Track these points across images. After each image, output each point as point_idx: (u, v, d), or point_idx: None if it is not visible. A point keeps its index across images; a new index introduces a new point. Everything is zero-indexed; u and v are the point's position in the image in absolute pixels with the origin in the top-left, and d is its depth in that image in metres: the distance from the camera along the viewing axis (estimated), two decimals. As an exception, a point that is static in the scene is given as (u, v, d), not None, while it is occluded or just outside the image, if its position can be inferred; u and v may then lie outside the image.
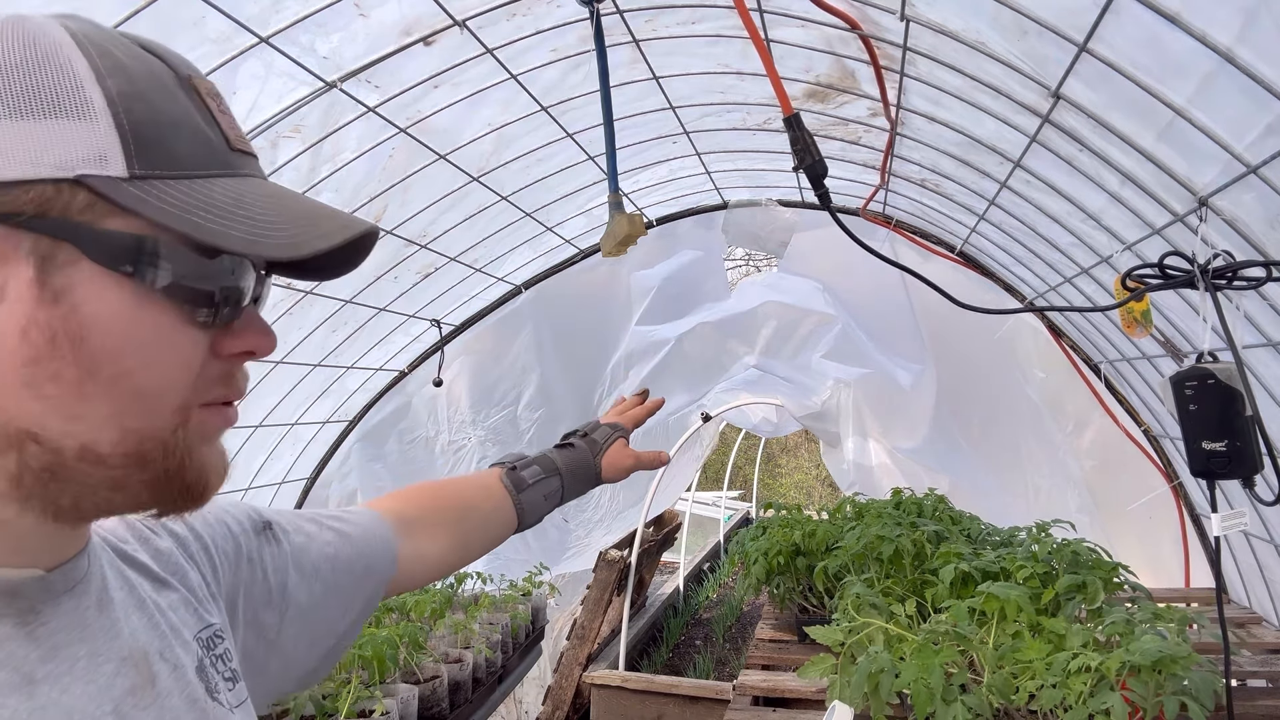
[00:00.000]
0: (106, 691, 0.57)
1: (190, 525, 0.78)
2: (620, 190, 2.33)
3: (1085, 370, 3.81)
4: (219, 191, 0.54)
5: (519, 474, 1.13)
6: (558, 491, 1.17)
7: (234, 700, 0.71)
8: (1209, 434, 1.62)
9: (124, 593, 0.65)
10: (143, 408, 0.54)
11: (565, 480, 1.17)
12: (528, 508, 1.12)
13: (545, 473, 1.15)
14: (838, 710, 1.80)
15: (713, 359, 5.40)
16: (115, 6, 1.85)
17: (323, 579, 0.88)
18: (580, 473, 1.20)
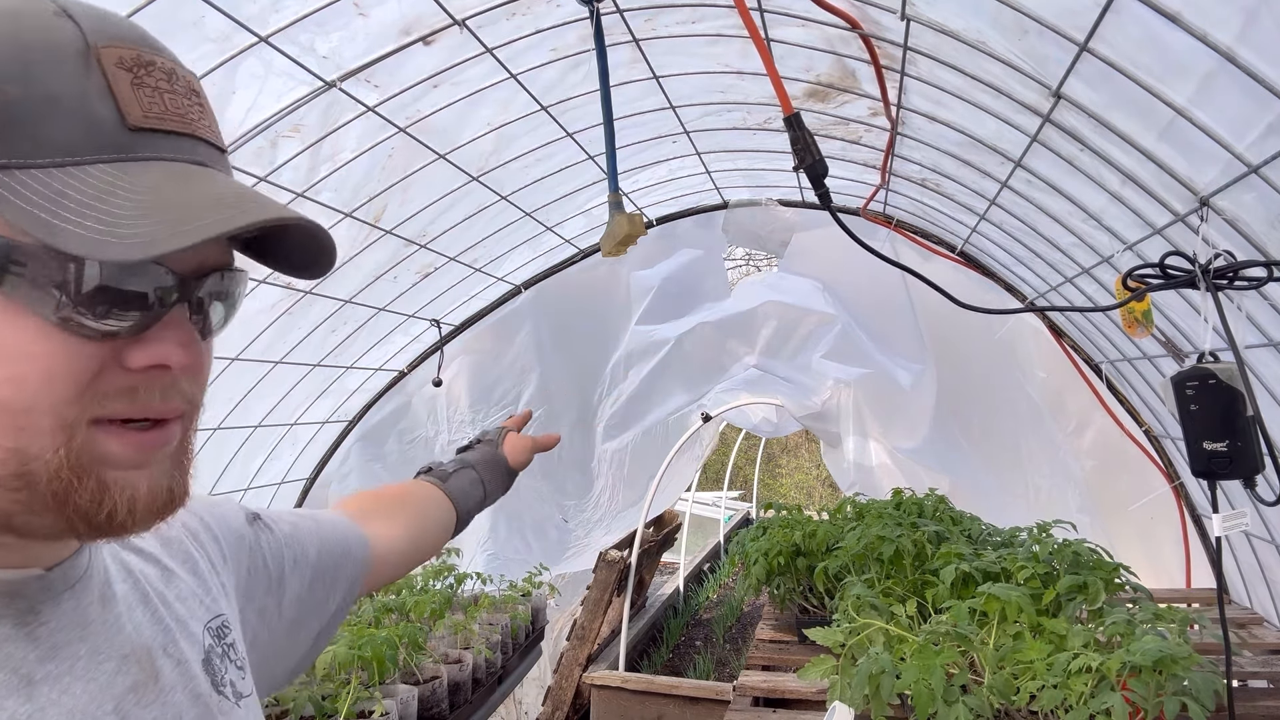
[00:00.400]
0: (107, 690, 0.57)
1: (199, 514, 0.78)
2: (620, 190, 2.33)
3: (1086, 370, 3.81)
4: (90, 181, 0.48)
5: (438, 470, 1.21)
6: (478, 480, 1.23)
7: (243, 690, 0.71)
8: (1210, 434, 1.62)
9: (128, 585, 0.64)
10: (12, 425, 0.49)
11: (479, 470, 1.25)
12: (457, 494, 1.18)
13: (460, 466, 1.24)
14: (838, 711, 1.80)
15: (712, 359, 5.39)
16: (115, 6, 1.84)
17: (310, 564, 0.89)
18: (490, 461, 1.28)
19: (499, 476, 1.29)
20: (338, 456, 4.72)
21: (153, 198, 0.49)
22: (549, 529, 5.62)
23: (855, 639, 2.02)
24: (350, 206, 3.10)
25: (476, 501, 1.23)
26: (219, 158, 0.57)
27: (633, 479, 6.01)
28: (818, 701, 2.62)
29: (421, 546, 1.12)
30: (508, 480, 1.32)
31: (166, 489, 0.56)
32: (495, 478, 1.28)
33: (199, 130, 0.55)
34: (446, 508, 1.17)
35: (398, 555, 1.06)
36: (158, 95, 0.53)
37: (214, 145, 0.57)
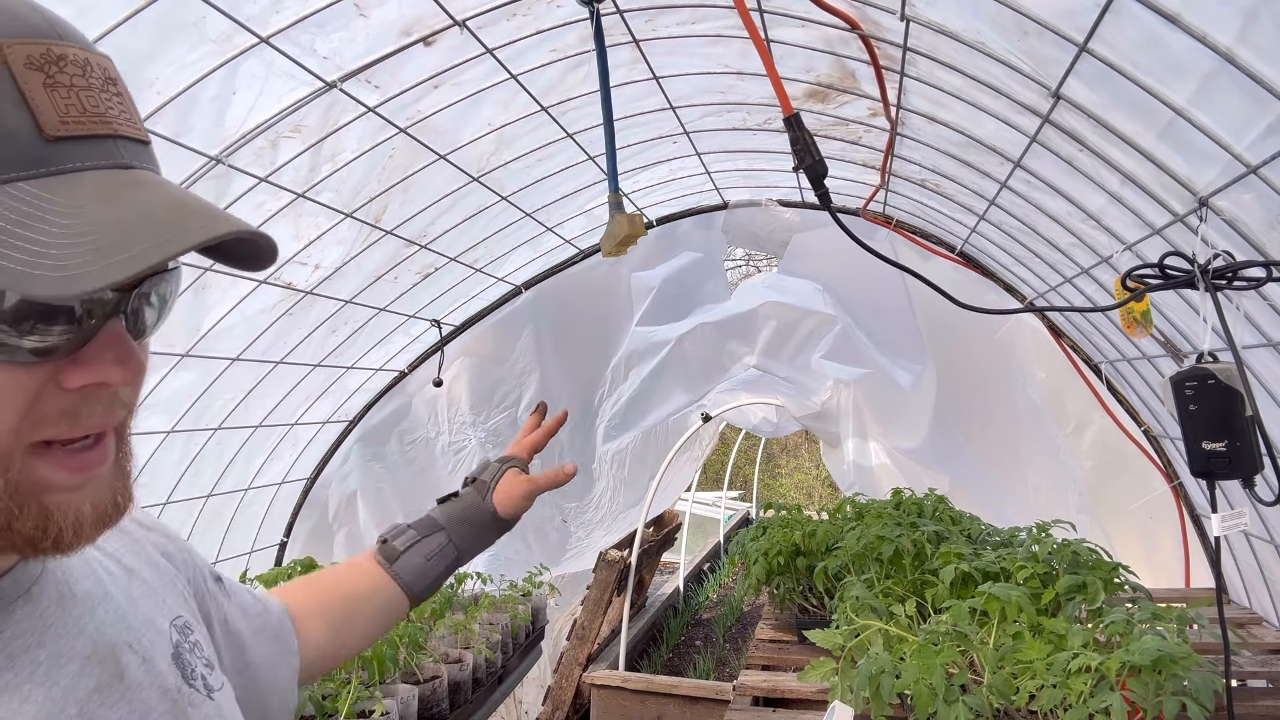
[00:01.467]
0: (70, 694, 0.56)
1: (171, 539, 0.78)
2: (620, 190, 2.33)
3: (1085, 370, 3.81)
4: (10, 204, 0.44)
5: (390, 545, 1.08)
6: (444, 546, 1.09)
7: (214, 684, 0.70)
8: (1209, 434, 1.62)
9: (90, 582, 0.63)
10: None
11: (451, 533, 1.10)
12: (407, 576, 1.05)
13: (422, 534, 1.09)
14: (838, 711, 1.80)
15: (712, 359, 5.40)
16: (115, 6, 1.85)
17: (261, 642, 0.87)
18: (470, 518, 1.12)
19: (481, 533, 1.14)
20: (338, 456, 4.72)
21: (81, 220, 0.45)
22: (549, 530, 5.62)
23: (855, 641, 2.02)
24: (351, 207, 3.11)
25: (440, 573, 1.09)
26: (143, 152, 0.53)
27: (633, 479, 6.02)
28: (818, 701, 2.62)
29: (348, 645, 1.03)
30: (495, 533, 1.16)
31: (111, 501, 0.55)
32: (474, 536, 1.13)
33: (120, 128, 0.51)
34: (391, 595, 1.05)
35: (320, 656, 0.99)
36: (74, 95, 0.48)
37: (136, 140, 0.53)
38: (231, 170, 2.53)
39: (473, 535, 1.13)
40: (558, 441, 5.33)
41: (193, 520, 3.81)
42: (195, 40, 2.07)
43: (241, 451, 3.92)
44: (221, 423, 3.66)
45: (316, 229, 3.11)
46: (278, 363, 3.66)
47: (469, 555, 1.13)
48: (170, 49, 2.05)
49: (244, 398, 3.65)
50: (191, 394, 3.35)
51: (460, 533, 1.11)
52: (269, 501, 4.41)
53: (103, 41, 1.87)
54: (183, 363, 3.13)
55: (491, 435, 5.02)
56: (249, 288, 3.11)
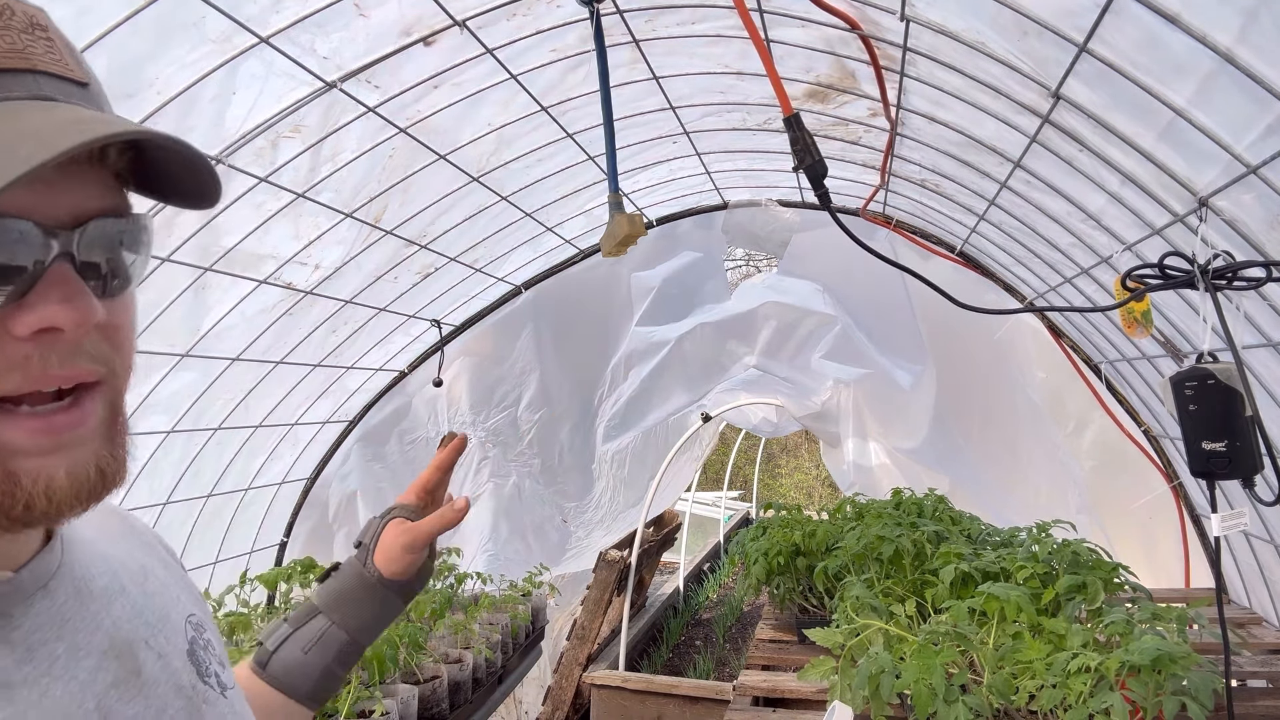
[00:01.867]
0: (89, 688, 0.56)
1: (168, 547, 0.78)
2: (620, 190, 2.33)
3: (1085, 370, 3.81)
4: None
5: (261, 649, 0.94)
6: (325, 630, 0.94)
7: (227, 681, 0.70)
8: (1209, 434, 1.62)
9: (107, 579, 0.63)
10: None
11: (332, 614, 0.95)
12: (284, 677, 0.92)
13: (295, 625, 0.95)
14: (838, 710, 1.80)
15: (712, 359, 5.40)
16: (115, 6, 1.85)
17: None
18: (351, 593, 0.96)
19: (366, 605, 0.96)
20: (338, 457, 4.72)
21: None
22: (549, 530, 5.62)
23: (855, 640, 2.03)
24: (351, 207, 3.11)
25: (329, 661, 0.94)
26: (75, 91, 0.52)
27: (633, 479, 6.02)
28: (818, 701, 2.62)
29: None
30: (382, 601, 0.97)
31: (93, 470, 0.52)
32: (359, 609, 0.96)
33: (40, 64, 0.50)
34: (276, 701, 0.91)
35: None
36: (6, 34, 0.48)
37: (66, 78, 0.52)
38: (232, 170, 2.53)
39: (359, 610, 0.96)
40: (558, 441, 5.34)
41: (193, 520, 3.81)
42: (195, 40, 2.07)
43: (241, 451, 3.92)
44: (221, 423, 3.66)
45: (316, 229, 3.11)
46: (278, 363, 3.66)
47: (367, 634, 0.97)
48: (170, 49, 2.05)
49: (244, 398, 3.65)
50: (191, 394, 3.35)
51: (343, 611, 0.95)
52: (269, 501, 4.41)
53: (103, 41, 1.87)
54: (183, 363, 3.13)
55: (491, 435, 5.02)
56: (249, 288, 3.11)
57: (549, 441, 5.30)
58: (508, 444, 5.12)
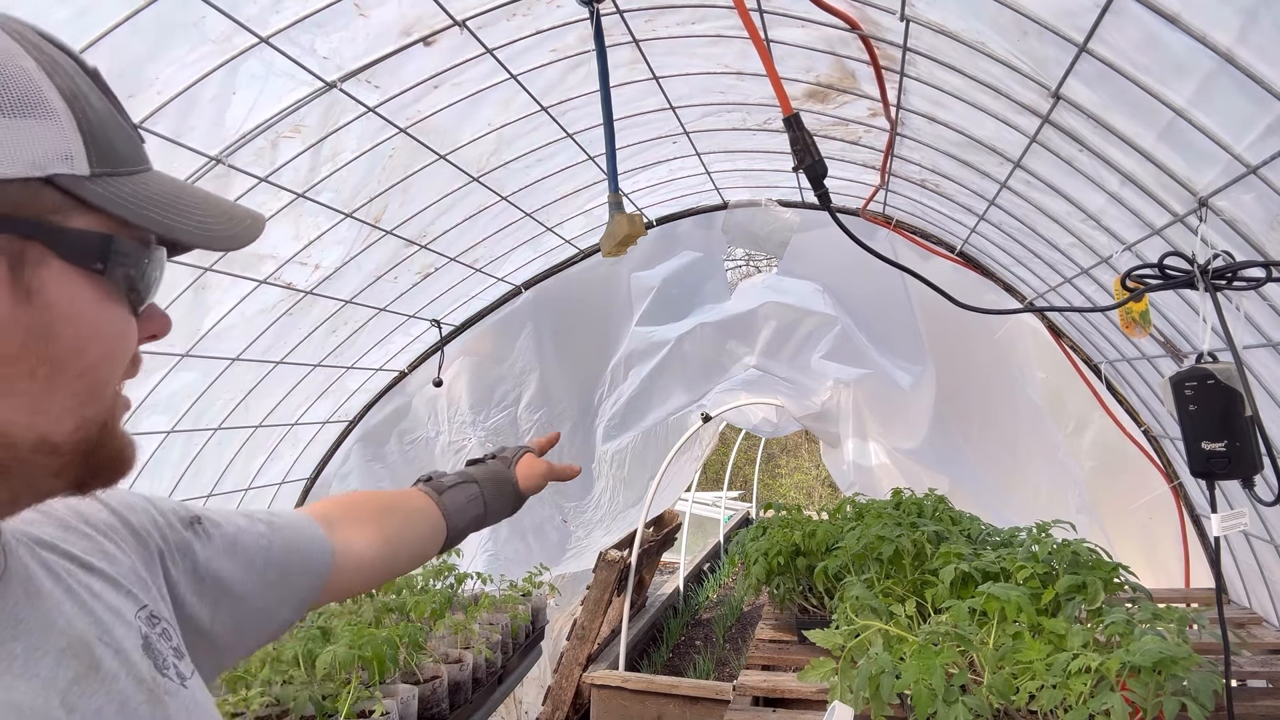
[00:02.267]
0: (50, 685, 0.56)
1: (118, 513, 0.77)
2: (620, 190, 2.33)
3: (1085, 370, 3.81)
4: (154, 186, 0.57)
5: (436, 481, 1.18)
6: (478, 497, 1.19)
7: (185, 671, 0.70)
8: (1209, 434, 1.62)
9: (52, 582, 0.64)
10: (98, 396, 0.56)
11: (483, 486, 1.20)
12: (451, 508, 1.14)
13: (461, 479, 1.19)
14: (837, 710, 1.80)
15: (712, 359, 5.40)
16: (115, 6, 1.85)
17: (257, 569, 0.87)
18: (497, 479, 1.23)
19: (504, 497, 1.24)
20: (338, 457, 4.72)
21: (193, 195, 0.60)
22: (549, 530, 5.62)
23: (855, 641, 2.03)
24: (351, 207, 3.11)
25: (473, 519, 1.18)
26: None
27: (633, 479, 6.02)
28: (818, 701, 2.62)
29: (399, 558, 1.07)
30: (514, 503, 1.26)
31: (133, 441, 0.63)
32: (499, 497, 1.23)
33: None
34: (436, 521, 1.12)
35: (368, 565, 1.01)
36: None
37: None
38: (231, 170, 2.53)
39: (498, 497, 1.22)
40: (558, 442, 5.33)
41: (193, 520, 3.80)
42: (195, 40, 2.07)
43: (241, 451, 3.92)
44: (221, 423, 3.66)
45: (316, 229, 3.11)
46: (278, 363, 3.66)
47: (493, 516, 1.22)
48: (170, 49, 2.05)
49: (244, 398, 3.65)
50: (191, 394, 3.35)
51: (489, 490, 1.21)
52: (269, 502, 4.41)
53: (103, 41, 1.87)
54: (183, 363, 3.13)
55: (491, 434, 5.02)
56: (249, 288, 3.11)
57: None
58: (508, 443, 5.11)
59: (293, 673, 2.27)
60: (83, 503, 0.75)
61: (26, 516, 0.68)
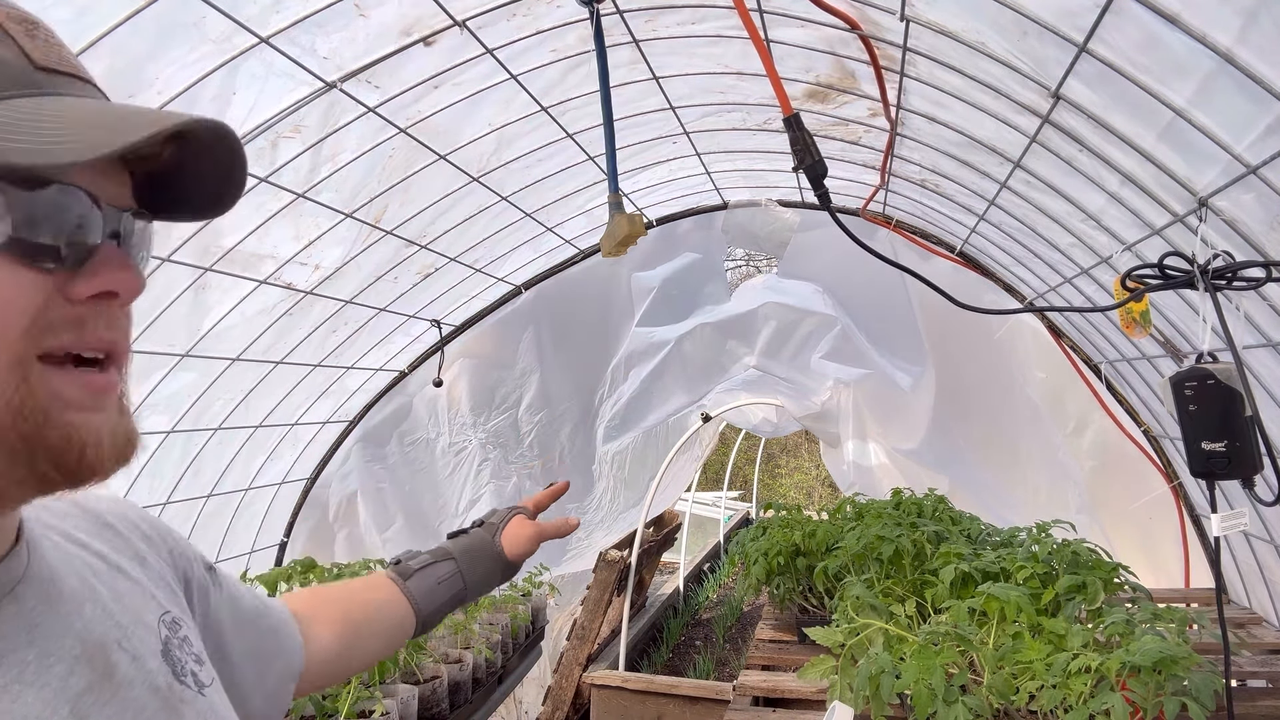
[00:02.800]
0: (61, 694, 0.55)
1: (158, 528, 0.77)
2: (620, 190, 2.33)
3: (1085, 370, 3.81)
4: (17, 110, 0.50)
5: (404, 565, 1.11)
6: (454, 575, 1.13)
7: (204, 680, 0.69)
8: (1209, 434, 1.62)
9: (75, 581, 0.63)
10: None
11: (460, 563, 1.14)
12: (418, 595, 1.08)
13: (434, 559, 1.13)
14: (837, 710, 1.80)
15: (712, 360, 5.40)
16: (115, 6, 1.85)
17: (245, 637, 0.85)
18: (477, 552, 1.16)
19: (487, 568, 1.17)
20: (338, 457, 4.72)
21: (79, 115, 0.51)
22: (550, 531, 5.61)
23: (855, 640, 2.03)
24: (351, 207, 3.11)
25: (447, 600, 1.12)
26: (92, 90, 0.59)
27: (633, 480, 6.03)
28: (818, 701, 2.62)
29: (357, 652, 1.03)
30: (502, 572, 1.19)
31: (126, 433, 0.56)
32: (481, 570, 1.16)
33: (91, 78, 0.57)
34: (401, 610, 1.07)
35: (326, 662, 0.98)
36: (50, 47, 0.55)
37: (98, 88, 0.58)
38: (231, 170, 2.52)
39: (480, 570, 1.16)
40: (558, 443, 5.34)
41: (193, 520, 3.81)
42: (195, 40, 2.07)
43: (242, 451, 3.92)
44: (222, 423, 3.66)
45: (316, 229, 3.11)
46: (278, 363, 3.66)
47: (474, 591, 1.16)
48: (170, 49, 2.05)
49: (244, 398, 3.65)
50: (191, 394, 3.35)
51: (468, 565, 1.15)
52: (269, 502, 4.41)
53: (103, 41, 1.87)
54: (183, 363, 3.13)
55: (492, 436, 5.02)
56: (249, 288, 3.11)
57: (549, 443, 5.31)
58: (508, 446, 5.12)
59: (293, 673, 2.27)
60: (122, 506, 0.76)
61: (59, 509, 0.68)
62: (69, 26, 1.81)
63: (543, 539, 1.23)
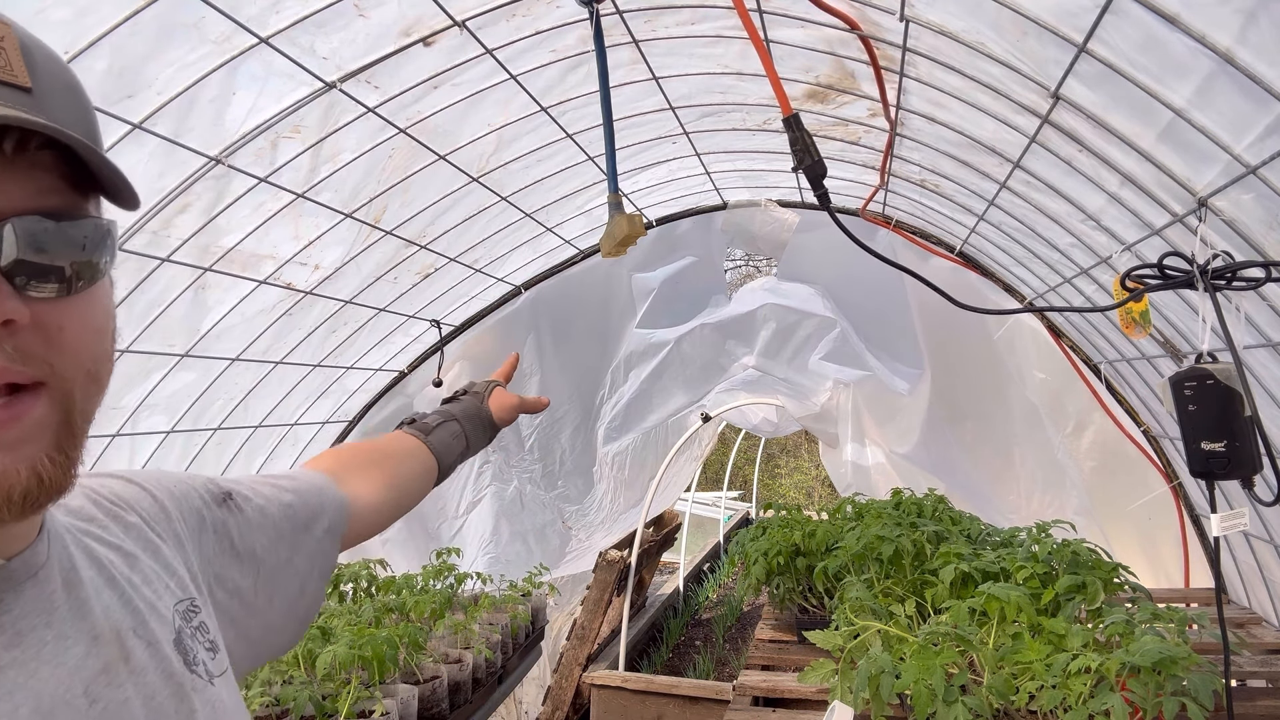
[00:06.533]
0: (77, 673, 0.57)
1: (156, 497, 0.77)
2: (620, 190, 2.33)
3: (1085, 370, 3.81)
4: None
5: (421, 423, 1.24)
6: (460, 433, 1.25)
7: (215, 669, 0.71)
8: (1208, 434, 1.62)
9: (94, 571, 0.64)
10: None
11: (463, 423, 1.27)
12: (439, 447, 1.21)
13: (444, 418, 1.26)
14: (837, 710, 1.80)
15: (712, 360, 5.40)
16: (115, 7, 1.85)
17: (285, 537, 0.89)
18: (474, 415, 1.30)
19: (481, 430, 1.31)
20: (338, 457, 4.71)
21: None
22: (550, 534, 5.62)
23: (855, 642, 2.03)
24: (350, 207, 3.11)
25: (458, 454, 1.25)
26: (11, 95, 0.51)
27: (633, 480, 6.03)
28: (817, 701, 2.62)
29: (403, 500, 1.13)
30: (489, 434, 1.34)
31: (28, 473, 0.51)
32: (477, 430, 1.30)
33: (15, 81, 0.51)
34: (428, 461, 1.19)
35: (375, 511, 1.07)
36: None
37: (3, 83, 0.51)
38: (231, 170, 2.53)
39: (476, 430, 1.30)
40: (559, 445, 5.34)
41: (192, 520, 3.80)
42: (195, 41, 2.07)
43: (241, 452, 3.92)
44: (221, 423, 3.66)
45: (316, 229, 3.11)
46: (277, 363, 3.66)
47: (473, 449, 1.29)
48: (170, 49, 2.05)
49: (244, 398, 3.65)
50: (191, 394, 3.35)
51: (469, 425, 1.28)
52: (269, 502, 4.41)
53: (103, 41, 1.87)
54: (182, 363, 3.13)
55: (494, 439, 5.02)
56: (249, 288, 3.11)
57: (550, 446, 5.30)
58: (509, 449, 5.12)
59: (292, 673, 2.28)
60: (129, 488, 0.76)
61: (73, 506, 0.69)
62: (69, 26, 1.81)
63: (523, 409, 1.41)
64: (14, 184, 0.52)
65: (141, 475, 0.79)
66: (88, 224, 0.56)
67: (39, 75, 0.53)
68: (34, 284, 0.52)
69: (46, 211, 0.53)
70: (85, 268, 0.55)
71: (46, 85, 0.54)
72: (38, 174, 0.53)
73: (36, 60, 0.54)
